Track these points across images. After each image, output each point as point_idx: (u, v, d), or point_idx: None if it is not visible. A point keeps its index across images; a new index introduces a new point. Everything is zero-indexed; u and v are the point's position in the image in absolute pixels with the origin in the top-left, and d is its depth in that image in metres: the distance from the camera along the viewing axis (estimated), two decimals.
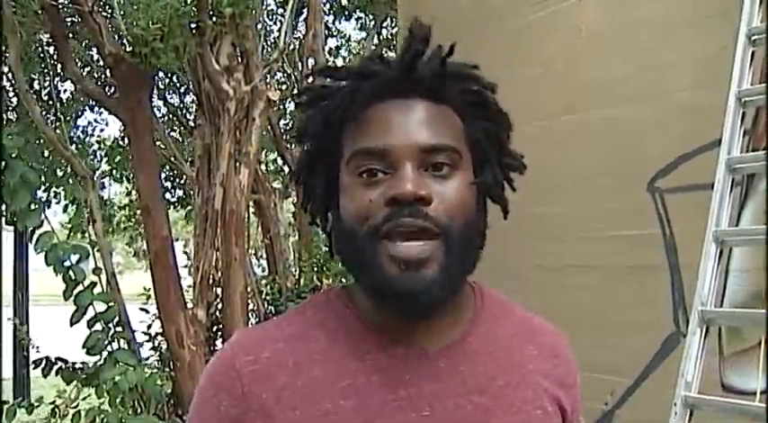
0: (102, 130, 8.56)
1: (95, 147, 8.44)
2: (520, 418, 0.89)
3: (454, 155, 0.87)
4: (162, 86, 7.55)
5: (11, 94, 6.94)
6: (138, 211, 5.84)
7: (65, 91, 7.62)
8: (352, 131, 0.88)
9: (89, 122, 8.31)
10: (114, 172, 8.03)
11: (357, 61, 0.97)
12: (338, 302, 0.94)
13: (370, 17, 8.04)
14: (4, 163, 3.27)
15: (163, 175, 7.36)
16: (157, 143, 5.57)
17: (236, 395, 0.86)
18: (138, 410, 4.00)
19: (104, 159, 8.37)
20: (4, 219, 6.95)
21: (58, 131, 4.77)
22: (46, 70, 7.11)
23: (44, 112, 6.55)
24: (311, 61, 6.63)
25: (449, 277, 0.85)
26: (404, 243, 0.82)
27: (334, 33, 8.44)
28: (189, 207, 8.08)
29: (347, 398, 0.85)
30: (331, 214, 0.94)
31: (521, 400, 0.91)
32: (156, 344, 5.54)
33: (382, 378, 0.86)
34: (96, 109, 7.97)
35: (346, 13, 7.96)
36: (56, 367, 3.90)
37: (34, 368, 3.96)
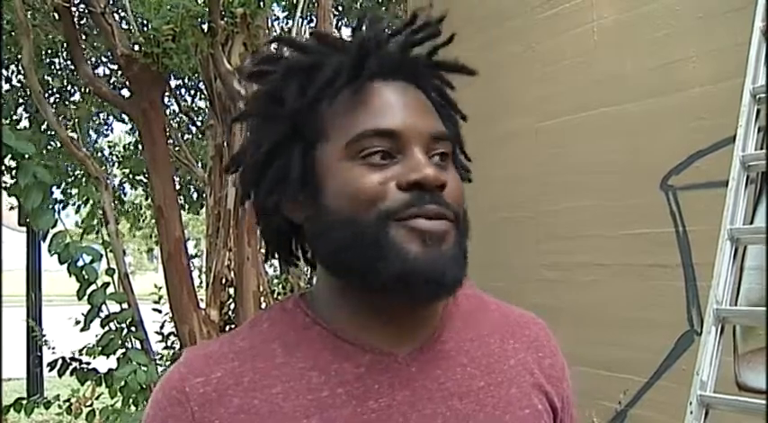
0: (105, 135, 8.62)
1: (106, 151, 8.52)
2: (505, 421, 0.83)
3: (449, 145, 0.83)
4: (174, 88, 7.60)
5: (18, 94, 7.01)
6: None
7: (75, 92, 7.68)
8: (346, 110, 0.80)
9: (102, 123, 8.37)
10: (131, 176, 8.09)
11: (345, 37, 0.87)
12: (297, 312, 0.85)
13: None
14: (15, 163, 3.28)
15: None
16: (170, 145, 5.58)
17: (186, 422, 0.78)
18: None
19: (116, 165, 8.46)
20: (17, 220, 7.00)
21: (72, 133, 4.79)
22: (58, 72, 7.18)
23: (59, 115, 6.62)
24: None
25: (463, 258, 0.79)
26: (422, 220, 0.76)
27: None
28: (202, 209, 8.11)
29: (310, 415, 0.77)
30: (303, 204, 0.82)
31: (505, 400, 0.84)
32: (169, 344, 5.57)
33: (349, 390, 0.79)
34: (103, 114, 8.04)
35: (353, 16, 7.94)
36: (71, 367, 3.93)
37: (50, 370, 3.98)
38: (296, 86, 0.81)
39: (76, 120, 6.56)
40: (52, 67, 7.19)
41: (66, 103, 7.28)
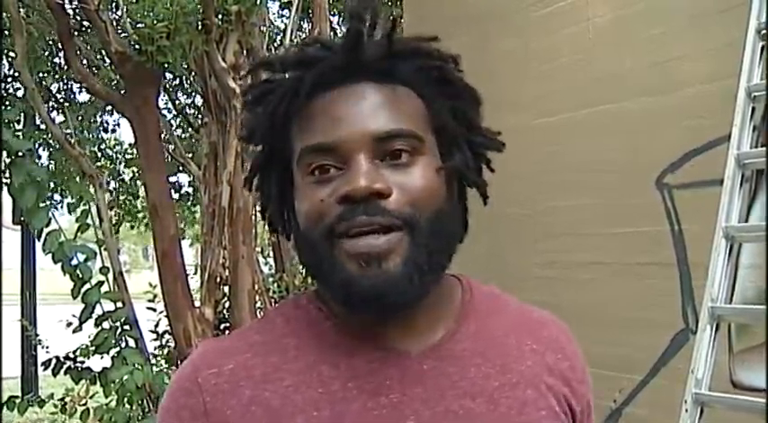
0: (113, 131, 8.62)
1: (114, 149, 8.53)
2: (520, 421, 0.81)
3: (413, 140, 0.79)
4: (169, 86, 7.58)
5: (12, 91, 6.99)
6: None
7: (80, 92, 7.67)
8: (299, 127, 0.81)
9: (108, 122, 8.38)
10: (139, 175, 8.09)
11: (295, 49, 0.87)
12: (310, 307, 0.86)
13: None
14: (10, 161, 3.27)
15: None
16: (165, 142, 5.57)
17: (198, 413, 0.79)
18: (147, 409, 4.01)
19: (123, 163, 8.48)
20: (11, 219, 6.98)
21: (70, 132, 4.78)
22: (54, 71, 7.16)
23: (55, 112, 6.60)
24: None
25: (417, 271, 0.76)
26: (362, 238, 0.75)
27: (339, 33, 8.42)
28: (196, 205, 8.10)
29: (321, 408, 0.77)
30: (290, 219, 0.87)
31: (521, 401, 0.83)
32: (164, 342, 5.56)
33: (360, 384, 0.79)
34: (108, 112, 8.03)
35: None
36: (65, 367, 3.92)
37: (44, 369, 3.97)
38: (263, 112, 0.85)
39: (80, 117, 6.54)
40: (55, 66, 7.17)
41: (62, 102, 7.26)
